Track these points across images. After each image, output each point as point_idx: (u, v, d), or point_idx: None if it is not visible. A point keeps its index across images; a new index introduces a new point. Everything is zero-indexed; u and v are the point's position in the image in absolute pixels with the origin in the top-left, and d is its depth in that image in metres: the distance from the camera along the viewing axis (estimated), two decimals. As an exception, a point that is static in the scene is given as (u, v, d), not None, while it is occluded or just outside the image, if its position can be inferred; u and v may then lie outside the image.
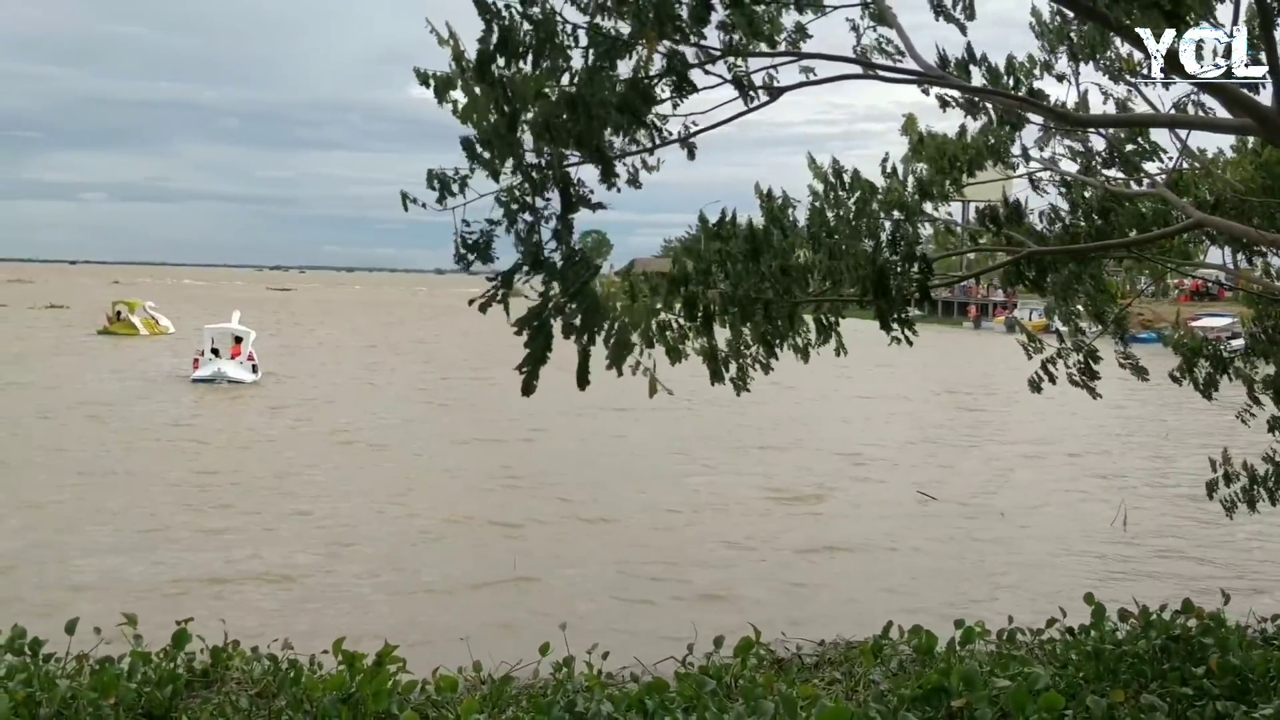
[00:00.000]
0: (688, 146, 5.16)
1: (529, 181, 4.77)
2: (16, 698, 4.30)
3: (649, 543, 16.69)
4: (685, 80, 4.91)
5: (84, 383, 35.99)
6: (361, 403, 32.95)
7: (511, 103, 4.69)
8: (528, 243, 4.78)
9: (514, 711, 4.53)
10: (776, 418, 29.67)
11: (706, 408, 30.22)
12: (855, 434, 29.16)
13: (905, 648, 6.13)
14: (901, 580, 15.20)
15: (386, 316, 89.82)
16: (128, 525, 17.15)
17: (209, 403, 32.31)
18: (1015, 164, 7.41)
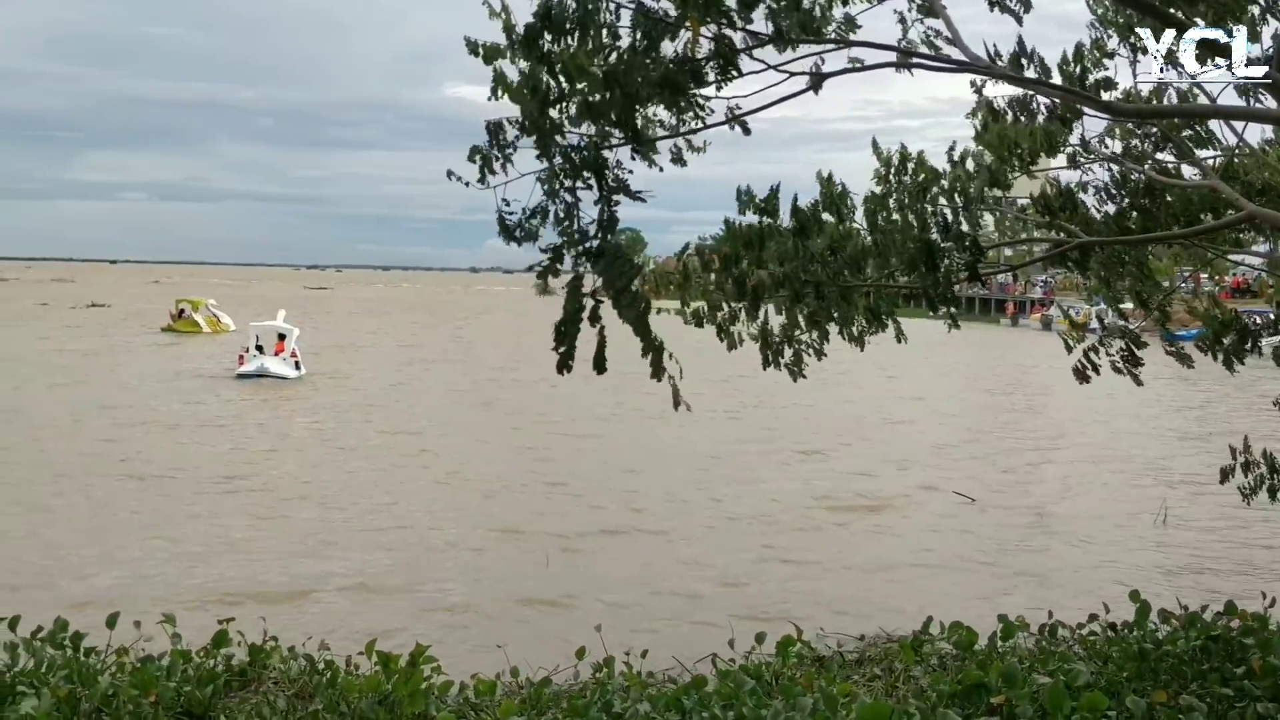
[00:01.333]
0: (740, 123, 5.12)
1: (568, 162, 4.76)
2: (59, 694, 4.32)
3: (689, 544, 16.59)
4: (731, 64, 4.88)
5: (137, 378, 37.04)
6: (403, 402, 33.11)
7: (550, 80, 4.68)
8: (568, 226, 4.77)
9: (553, 714, 4.50)
10: (817, 417, 29.58)
11: (751, 411, 30.29)
12: (895, 432, 28.98)
13: (945, 644, 6.06)
14: (941, 576, 15.08)
15: (424, 315, 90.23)
16: (171, 523, 17.34)
17: (249, 400, 32.66)
18: (1073, 155, 7.32)
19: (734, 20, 4.78)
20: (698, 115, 5.10)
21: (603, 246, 4.77)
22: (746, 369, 5.83)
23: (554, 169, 4.76)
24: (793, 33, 4.92)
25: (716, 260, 5.78)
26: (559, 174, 4.75)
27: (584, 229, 4.78)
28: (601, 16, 4.67)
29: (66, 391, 32.93)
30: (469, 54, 4.79)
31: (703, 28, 4.72)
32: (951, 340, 5.76)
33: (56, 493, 19.17)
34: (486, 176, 4.80)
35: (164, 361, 43.84)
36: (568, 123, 4.79)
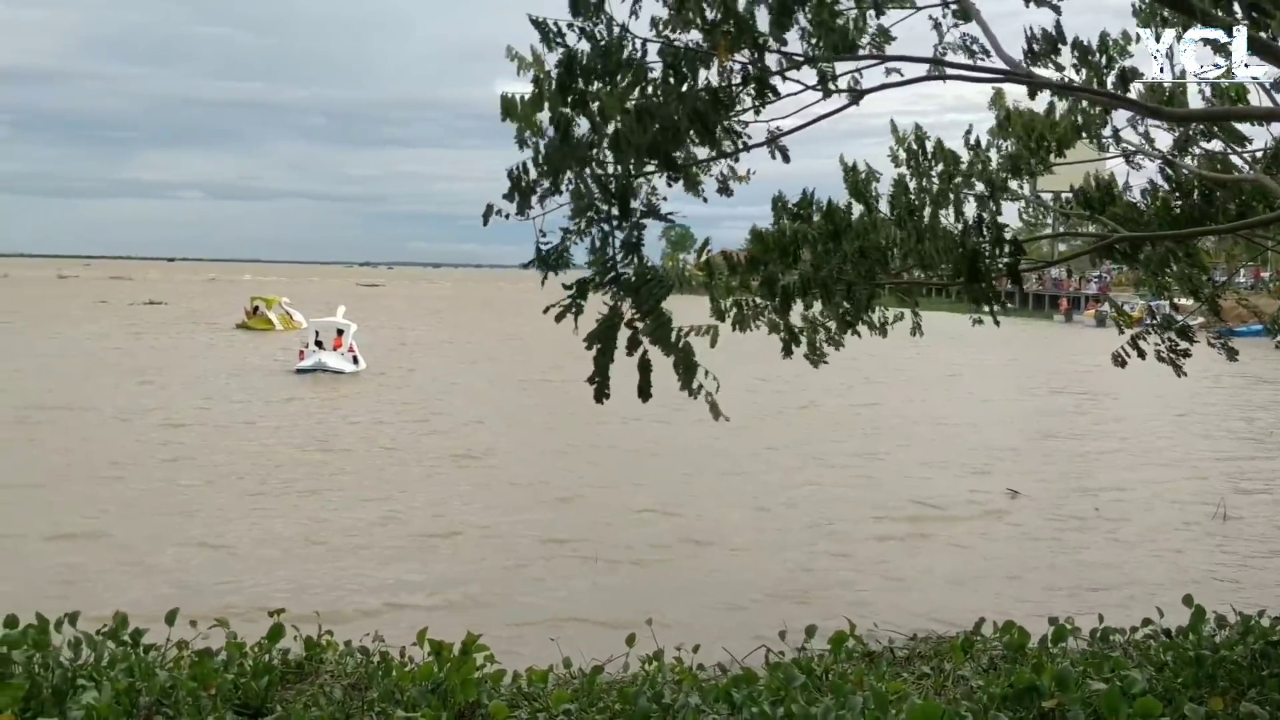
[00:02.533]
0: (780, 151, 5.13)
1: (602, 191, 4.79)
2: (118, 687, 4.41)
3: (744, 539, 16.57)
4: (767, 88, 4.89)
5: (205, 374, 38.32)
6: (457, 400, 33.42)
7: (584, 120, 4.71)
8: (600, 256, 4.80)
9: (604, 704, 4.53)
10: (875, 418, 29.52)
11: (798, 415, 30.15)
12: (949, 430, 28.76)
13: (997, 644, 6.01)
14: (992, 575, 14.97)
15: (475, 311, 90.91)
16: (226, 520, 17.63)
17: (305, 395, 33.15)
18: (1106, 145, 7.19)
19: (767, 45, 4.78)
20: (734, 143, 5.10)
21: (637, 268, 4.80)
22: (796, 368, 5.82)
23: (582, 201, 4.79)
24: (827, 53, 4.92)
25: (742, 261, 5.78)
26: (591, 206, 4.78)
27: (615, 258, 4.81)
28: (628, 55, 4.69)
29: (136, 387, 33.71)
30: (502, 117, 4.81)
31: (735, 54, 4.73)
32: (1003, 337, 5.72)
33: (117, 485, 19.56)
34: (524, 210, 4.86)
35: (234, 356, 45.17)
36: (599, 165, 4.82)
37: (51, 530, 16.29)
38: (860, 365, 35.16)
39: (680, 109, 4.59)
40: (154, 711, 4.37)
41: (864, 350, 6.66)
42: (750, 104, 4.89)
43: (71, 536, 16.15)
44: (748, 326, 5.84)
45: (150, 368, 39.67)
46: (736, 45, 4.61)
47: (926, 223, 5.49)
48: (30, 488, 19.05)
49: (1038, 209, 7.72)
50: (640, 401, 4.81)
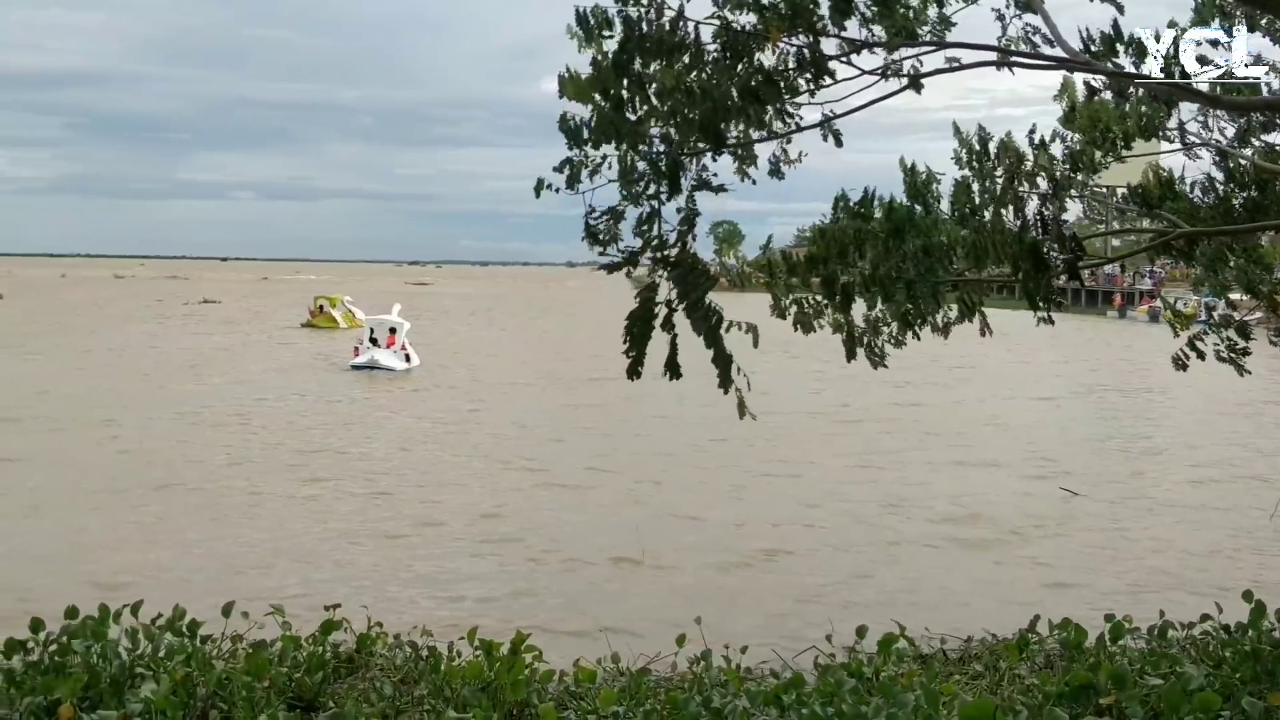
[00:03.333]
0: (833, 133, 5.10)
1: (651, 167, 4.81)
2: (175, 678, 4.47)
3: (790, 546, 16.45)
4: (823, 71, 4.86)
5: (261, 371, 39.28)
6: (506, 398, 33.60)
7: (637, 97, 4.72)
8: (647, 231, 4.82)
9: (651, 704, 4.52)
10: (933, 418, 29.27)
11: (852, 415, 29.98)
12: (998, 428, 28.52)
13: (1053, 642, 5.94)
14: (1047, 575, 14.79)
15: (524, 308, 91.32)
16: (278, 511, 17.85)
17: (355, 394, 33.50)
18: (1171, 138, 7.07)
19: (825, 29, 4.76)
20: (786, 124, 5.08)
21: (681, 256, 4.80)
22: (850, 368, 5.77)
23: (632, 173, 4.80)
24: (890, 38, 4.88)
25: (802, 260, 5.76)
26: (640, 179, 4.80)
27: (664, 236, 4.83)
28: (683, 36, 4.70)
29: (189, 384, 34.38)
30: (560, 95, 4.86)
31: (790, 37, 4.71)
32: (1057, 334, 5.66)
33: (176, 481, 19.87)
34: (574, 184, 4.89)
35: (288, 354, 46.21)
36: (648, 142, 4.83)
37: (110, 524, 16.60)
38: (915, 365, 34.96)
39: (733, 87, 4.58)
40: (210, 704, 4.42)
41: (919, 350, 6.59)
42: (805, 87, 4.87)
43: (126, 530, 16.43)
44: (810, 327, 5.80)
45: (208, 364, 40.51)
46: (790, 27, 4.59)
47: (989, 221, 5.43)
48: (90, 490, 19.39)
49: (1093, 206, 7.60)
50: (669, 379, 4.84)
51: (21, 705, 4.33)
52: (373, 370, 38.65)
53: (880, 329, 6.11)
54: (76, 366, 38.01)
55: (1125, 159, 6.80)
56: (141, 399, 30.46)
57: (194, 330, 58.30)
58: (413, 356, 40.80)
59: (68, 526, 16.33)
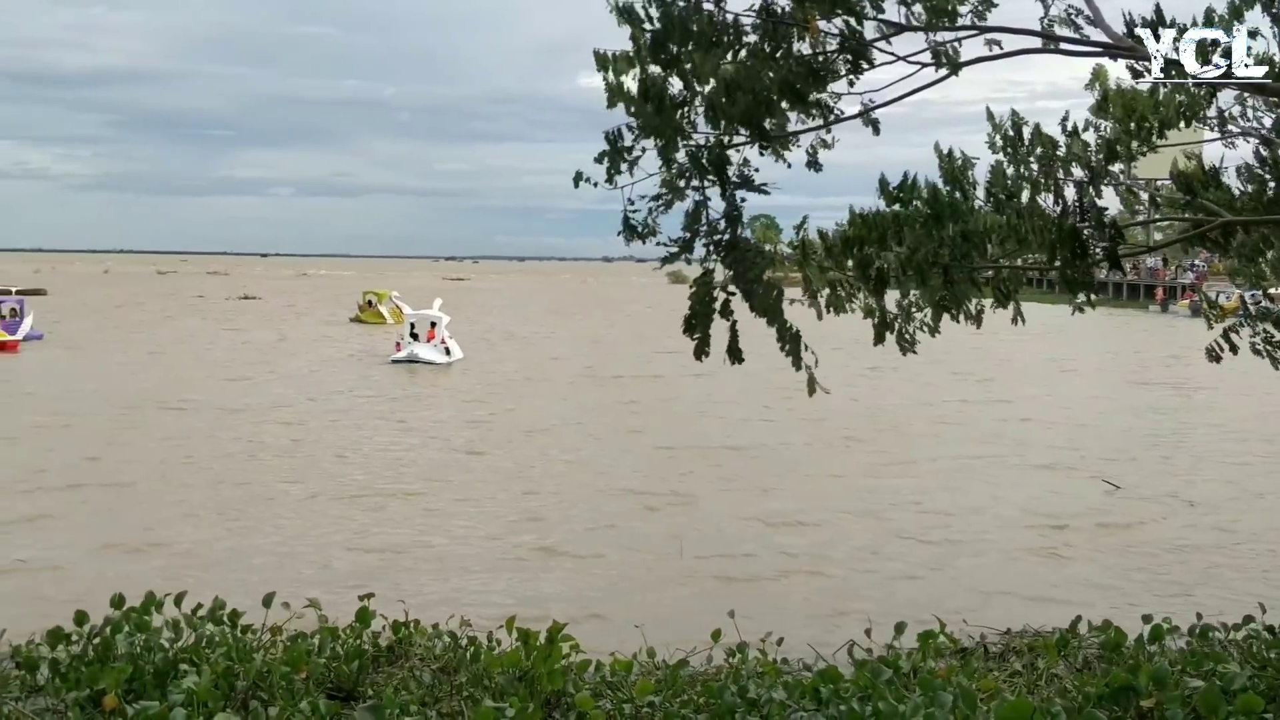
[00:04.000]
0: (872, 122, 5.07)
1: (693, 162, 4.81)
2: (217, 669, 4.53)
3: (830, 541, 16.39)
4: (862, 56, 4.83)
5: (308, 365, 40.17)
6: (545, 392, 33.76)
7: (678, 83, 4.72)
8: (695, 220, 4.82)
9: (688, 696, 4.53)
10: (957, 413, 29.09)
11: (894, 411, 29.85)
12: (1039, 422, 28.28)
13: (1093, 643, 5.88)
14: (1088, 572, 14.66)
15: (562, 304, 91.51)
16: (318, 505, 18.01)
17: (394, 390, 33.78)
18: (1211, 126, 6.95)
19: (864, 12, 4.73)
20: (825, 116, 5.06)
21: (733, 239, 4.80)
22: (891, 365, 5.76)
23: (676, 170, 4.80)
24: (929, 19, 4.84)
25: (839, 243, 5.73)
26: (683, 174, 4.80)
27: (714, 223, 4.83)
28: (724, 18, 4.68)
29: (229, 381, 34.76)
30: (597, 69, 4.87)
31: (831, 22, 4.69)
32: (1097, 327, 5.61)
33: (219, 476, 20.10)
34: (614, 177, 4.89)
35: (334, 348, 46.99)
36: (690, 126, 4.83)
37: (155, 518, 16.85)
38: (952, 360, 34.76)
39: (772, 78, 4.57)
40: (250, 695, 4.47)
41: (955, 344, 6.56)
42: (844, 73, 4.84)
43: (168, 524, 16.64)
44: (842, 309, 5.79)
45: (255, 360, 41.12)
46: (830, 12, 4.56)
47: (1025, 205, 5.38)
48: (139, 483, 19.68)
49: (1129, 197, 7.49)
50: (732, 363, 4.87)
51: (67, 696, 4.40)
52: (413, 364, 39.22)
53: (913, 314, 6.07)
54: (127, 363, 38.63)
55: (1164, 145, 6.70)
56: (193, 394, 30.89)
57: (239, 326, 58.94)
58: (453, 350, 41.31)
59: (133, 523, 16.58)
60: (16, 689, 4.68)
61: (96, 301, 76.86)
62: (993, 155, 5.77)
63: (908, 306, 5.92)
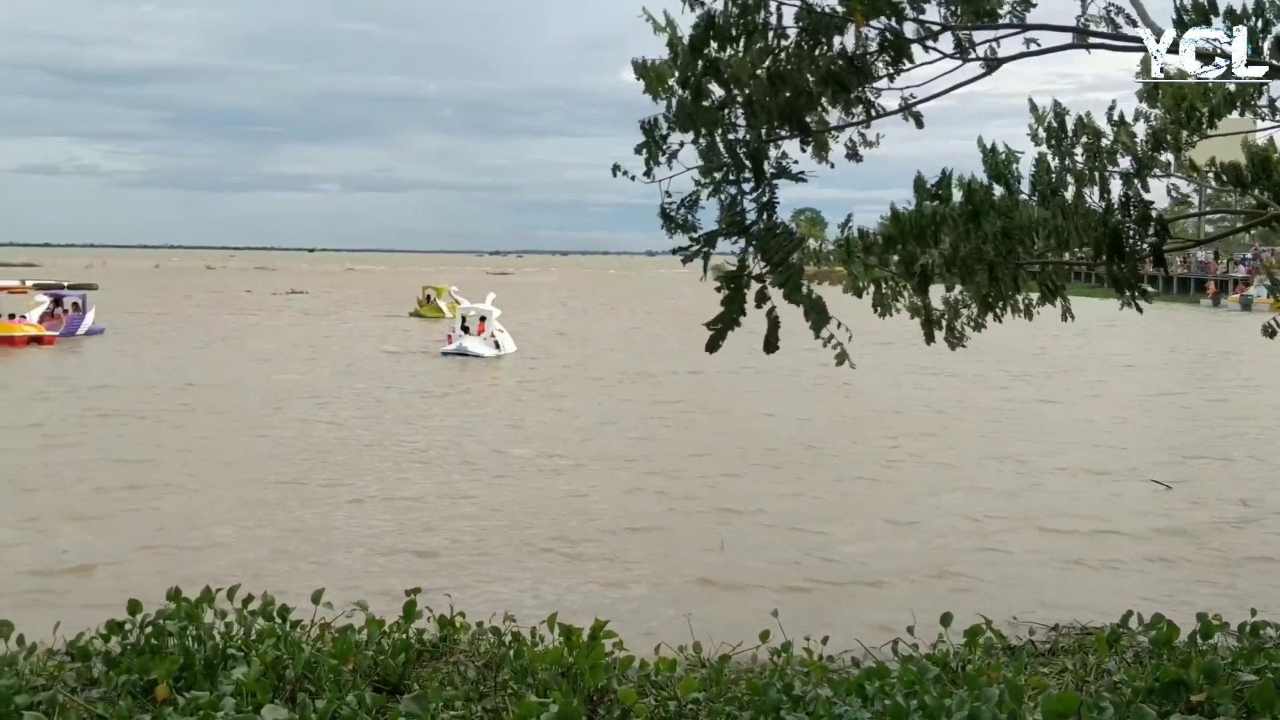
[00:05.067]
0: (914, 116, 5.04)
1: (731, 155, 4.80)
2: (265, 660, 4.59)
3: (875, 539, 16.29)
4: (903, 55, 4.81)
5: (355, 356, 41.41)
6: (590, 385, 34.00)
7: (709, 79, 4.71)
8: (730, 210, 4.82)
9: (733, 693, 4.52)
10: (1004, 411, 28.83)
11: (939, 407, 29.63)
12: (1087, 419, 27.96)
13: (1143, 638, 5.81)
14: (1139, 570, 14.49)
15: (605, 298, 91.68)
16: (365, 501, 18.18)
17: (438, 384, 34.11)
18: (1263, 114, 6.83)
19: (904, 12, 4.70)
20: (867, 111, 5.04)
21: (769, 225, 4.79)
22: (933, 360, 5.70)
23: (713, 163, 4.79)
24: (967, 19, 4.81)
25: (880, 241, 5.69)
26: (720, 167, 4.80)
27: (744, 213, 4.83)
28: (764, 18, 4.67)
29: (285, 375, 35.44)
30: (636, 77, 4.89)
31: (872, 21, 4.66)
32: (1145, 322, 5.54)
33: (268, 470, 20.35)
34: (651, 170, 4.90)
35: (386, 342, 48.21)
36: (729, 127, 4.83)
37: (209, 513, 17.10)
38: (1002, 356, 34.46)
39: (814, 74, 4.56)
40: (298, 686, 4.52)
41: (1005, 340, 6.50)
42: (885, 71, 4.82)
43: (222, 518, 16.86)
44: (889, 309, 5.75)
45: (303, 354, 41.91)
46: (875, 12, 4.54)
47: (1070, 201, 5.31)
48: (195, 476, 19.99)
49: (1175, 189, 7.37)
50: (766, 353, 4.89)
51: (120, 684, 4.48)
52: (462, 357, 39.92)
53: (960, 311, 6.02)
54: (185, 358, 39.34)
55: (1215, 135, 6.59)
56: (247, 389, 31.41)
57: (290, 321, 59.70)
58: (502, 344, 41.96)
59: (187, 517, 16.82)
60: (72, 680, 4.77)
61: (149, 297, 78.02)
62: (1035, 147, 5.71)
63: (955, 304, 5.88)
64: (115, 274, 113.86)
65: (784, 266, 4.76)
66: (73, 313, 47.45)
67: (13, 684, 4.34)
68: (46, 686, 4.46)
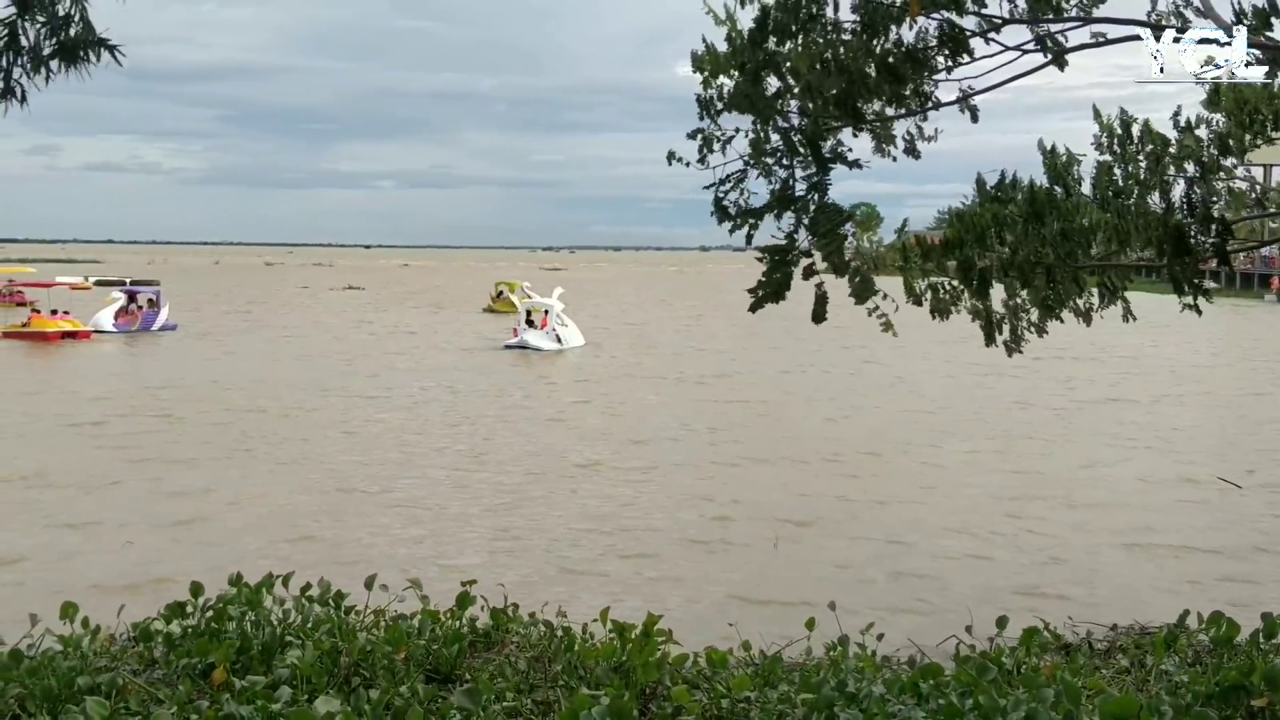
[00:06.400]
0: (970, 109, 5.00)
1: (786, 143, 4.80)
2: (322, 647, 4.65)
3: (932, 536, 16.16)
4: (961, 48, 4.77)
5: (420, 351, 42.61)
6: (642, 380, 34.20)
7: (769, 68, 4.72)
8: (783, 195, 4.84)
9: (785, 689, 4.49)
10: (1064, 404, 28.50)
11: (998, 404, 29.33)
12: (1151, 416, 27.57)
13: (1203, 638, 5.69)
14: (1203, 570, 14.25)
15: (660, 293, 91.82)
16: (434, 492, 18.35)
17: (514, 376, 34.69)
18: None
19: (964, 6, 4.67)
20: (923, 103, 5.01)
21: (820, 205, 4.81)
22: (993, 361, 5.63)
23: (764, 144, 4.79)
24: (1033, 13, 4.76)
25: (937, 244, 5.65)
26: (774, 152, 4.81)
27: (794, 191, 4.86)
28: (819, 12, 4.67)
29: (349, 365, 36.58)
30: (693, 70, 4.92)
31: (929, 13, 4.64)
32: (1207, 318, 5.43)
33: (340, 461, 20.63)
34: (705, 156, 4.93)
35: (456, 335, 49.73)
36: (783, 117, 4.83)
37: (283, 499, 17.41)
38: (1067, 354, 34.04)
39: (871, 62, 4.55)
40: (352, 673, 4.57)
41: (1069, 338, 6.41)
42: (943, 64, 4.79)
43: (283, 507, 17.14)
44: (946, 313, 5.70)
45: (368, 349, 42.88)
46: (933, 6, 4.51)
47: (1132, 205, 5.24)
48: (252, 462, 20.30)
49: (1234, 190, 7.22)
50: (814, 323, 4.97)
51: (179, 667, 4.56)
52: (525, 350, 40.89)
53: (1019, 314, 5.95)
54: (257, 353, 40.49)
55: (1276, 141, 6.44)
56: (315, 383, 32.22)
57: (352, 317, 60.54)
58: (565, 338, 42.87)
59: (270, 511, 17.18)
60: (134, 661, 4.86)
61: (211, 293, 79.45)
62: (1098, 155, 5.63)
63: (1014, 307, 5.81)
64: (176, 270, 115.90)
65: (830, 237, 4.78)
66: (147, 309, 48.73)
67: (75, 665, 4.43)
68: (109, 668, 4.55)
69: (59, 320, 43.69)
